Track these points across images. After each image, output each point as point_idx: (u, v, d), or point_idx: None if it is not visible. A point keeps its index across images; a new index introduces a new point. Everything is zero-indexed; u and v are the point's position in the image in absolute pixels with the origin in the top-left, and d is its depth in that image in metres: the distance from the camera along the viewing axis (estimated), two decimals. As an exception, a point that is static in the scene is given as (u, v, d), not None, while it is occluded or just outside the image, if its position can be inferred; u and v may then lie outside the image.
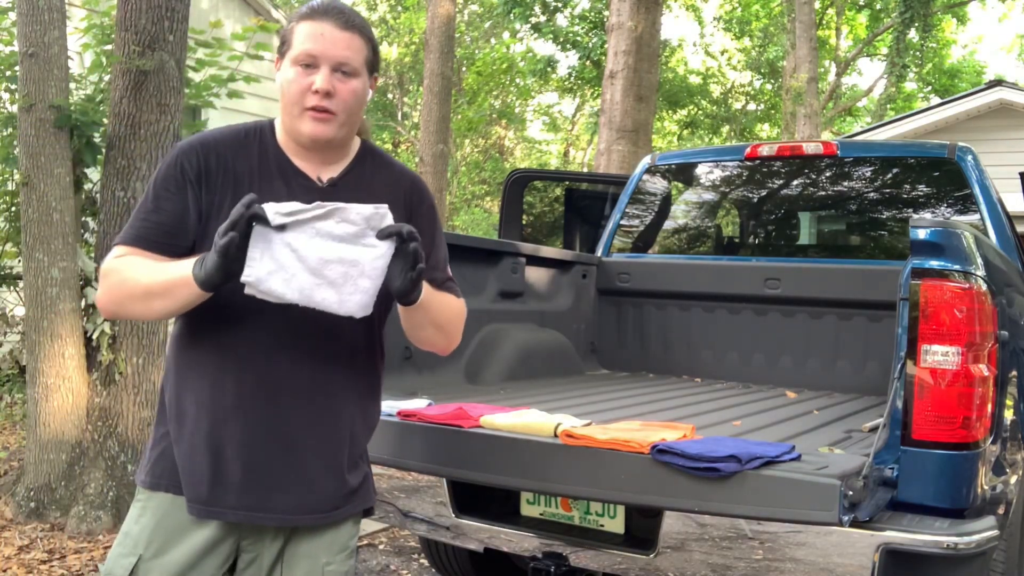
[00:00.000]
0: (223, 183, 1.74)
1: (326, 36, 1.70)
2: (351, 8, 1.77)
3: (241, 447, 1.72)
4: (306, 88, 1.70)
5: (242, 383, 1.72)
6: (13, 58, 5.03)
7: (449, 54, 14.41)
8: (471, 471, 2.27)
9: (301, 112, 1.72)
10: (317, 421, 1.76)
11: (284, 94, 1.73)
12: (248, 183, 1.73)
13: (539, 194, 5.82)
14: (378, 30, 28.02)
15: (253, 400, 1.72)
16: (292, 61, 1.71)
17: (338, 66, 1.71)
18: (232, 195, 1.70)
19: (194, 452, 1.73)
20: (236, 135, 1.80)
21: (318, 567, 1.81)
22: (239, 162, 1.76)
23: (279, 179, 1.75)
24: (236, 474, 1.72)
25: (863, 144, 5.51)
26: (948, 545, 2.05)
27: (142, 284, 1.66)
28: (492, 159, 26.15)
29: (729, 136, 25.77)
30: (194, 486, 1.74)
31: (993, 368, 2.26)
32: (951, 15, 23.46)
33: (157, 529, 1.77)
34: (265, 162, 1.77)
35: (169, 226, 1.72)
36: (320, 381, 1.76)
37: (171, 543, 1.77)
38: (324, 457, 1.78)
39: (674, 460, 1.94)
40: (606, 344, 4.57)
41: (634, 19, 9.12)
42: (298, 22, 1.73)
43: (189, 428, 1.74)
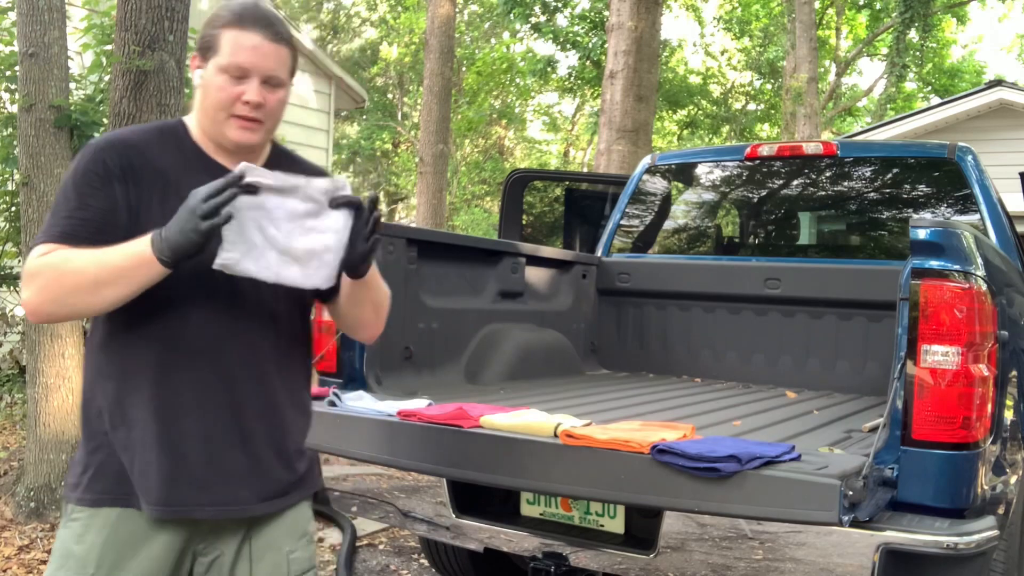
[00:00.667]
0: (150, 179, 1.74)
1: (258, 50, 1.73)
2: (275, 15, 1.79)
3: (199, 442, 1.72)
4: (235, 97, 1.73)
5: (195, 378, 1.72)
6: (13, 58, 5.04)
7: (449, 54, 14.40)
8: (471, 471, 2.27)
9: (227, 118, 1.74)
10: (267, 411, 1.79)
11: (210, 99, 1.75)
12: (175, 179, 1.74)
13: (539, 194, 5.82)
14: (378, 30, 28.04)
15: (208, 394, 1.73)
16: (221, 69, 1.72)
17: (267, 79, 1.74)
18: (160, 191, 1.73)
19: (148, 455, 1.70)
20: (151, 133, 1.81)
21: (283, 556, 1.84)
22: (161, 159, 1.76)
23: (205, 174, 1.73)
24: (197, 471, 1.72)
25: (863, 144, 5.51)
26: (948, 545, 2.05)
27: (89, 274, 1.62)
28: (492, 159, 26.14)
29: (729, 136, 25.77)
30: (152, 489, 1.70)
31: (993, 368, 2.26)
32: (951, 15, 23.45)
33: (107, 546, 1.72)
34: (187, 159, 1.79)
35: (98, 222, 1.69)
36: (266, 370, 1.79)
37: (125, 558, 1.72)
38: (274, 445, 1.81)
39: (674, 460, 1.94)
40: (606, 344, 4.57)
41: (634, 19, 9.12)
42: (225, 28, 1.73)
43: (139, 432, 1.71)
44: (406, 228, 3.53)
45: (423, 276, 3.40)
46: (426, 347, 3.41)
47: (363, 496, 2.95)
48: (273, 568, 1.84)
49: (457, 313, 3.59)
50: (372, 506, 2.93)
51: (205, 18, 1.84)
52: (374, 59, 27.33)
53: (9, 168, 5.31)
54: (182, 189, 1.66)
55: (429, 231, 4.05)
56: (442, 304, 3.51)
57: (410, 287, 3.33)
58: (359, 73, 25.09)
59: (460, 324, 3.60)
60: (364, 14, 28.55)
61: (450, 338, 3.54)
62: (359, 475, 2.96)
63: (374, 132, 25.57)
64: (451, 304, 3.56)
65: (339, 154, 24.26)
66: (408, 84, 27.53)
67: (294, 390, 1.87)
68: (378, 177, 27.61)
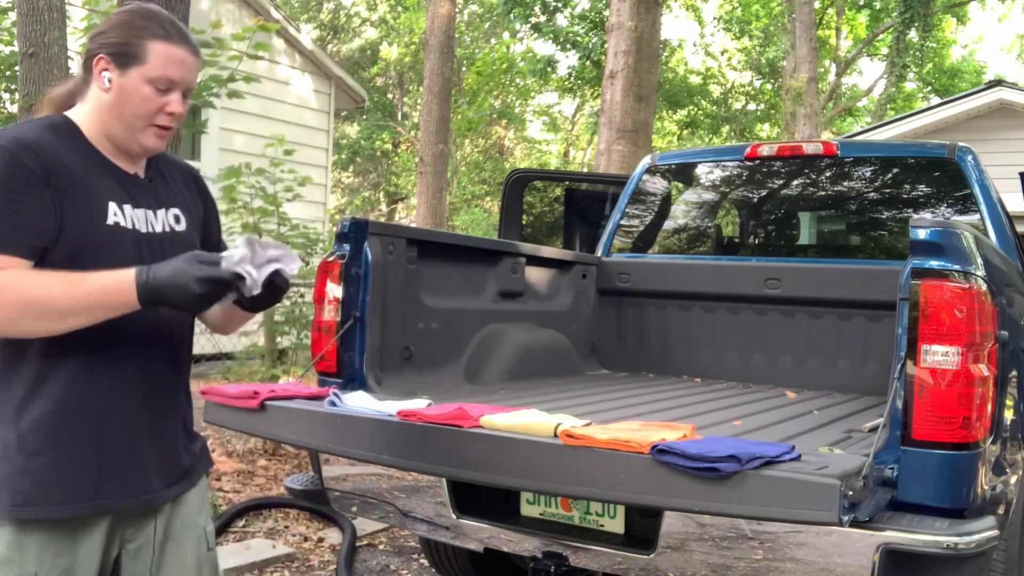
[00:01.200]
0: (66, 180, 1.73)
1: (186, 64, 1.81)
2: (186, 26, 1.89)
3: (123, 439, 1.80)
4: (160, 108, 1.79)
5: (119, 381, 1.79)
6: (13, 58, 5.04)
7: (449, 54, 14.41)
8: (471, 471, 2.27)
9: (147, 127, 1.80)
10: (172, 403, 1.93)
11: (131, 107, 1.78)
12: (87, 181, 1.76)
13: (539, 194, 5.82)
14: (378, 30, 28.04)
15: (130, 396, 1.81)
16: (149, 81, 1.77)
17: (187, 91, 1.84)
18: (76, 194, 1.74)
19: (74, 456, 1.74)
20: (52, 133, 1.78)
21: (200, 531, 2.00)
22: (68, 160, 1.76)
23: (109, 176, 1.81)
24: (122, 465, 1.80)
25: (863, 144, 5.51)
26: (948, 545, 2.05)
27: (59, 303, 1.63)
28: (492, 159, 26.15)
29: (729, 136, 25.76)
30: (81, 488, 1.75)
31: (993, 368, 2.26)
32: (951, 15, 23.46)
33: (43, 551, 1.73)
34: (90, 160, 1.80)
35: (33, 228, 1.67)
36: (175, 365, 1.93)
37: (57, 553, 1.74)
38: (178, 433, 1.95)
39: (674, 460, 1.94)
40: (606, 344, 4.57)
41: (634, 19, 9.12)
42: (153, 40, 1.78)
43: (62, 435, 1.74)
44: (406, 228, 3.53)
45: (423, 276, 3.40)
46: (426, 347, 3.41)
47: (363, 496, 2.95)
48: (196, 544, 1.99)
49: (457, 313, 3.59)
50: (372, 506, 2.93)
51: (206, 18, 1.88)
52: (374, 59, 27.33)
53: (9, 168, 5.30)
54: (97, 193, 1.75)
55: (429, 231, 4.05)
56: (442, 304, 3.51)
57: (410, 287, 3.33)
58: (359, 73, 25.09)
59: (460, 324, 3.60)
60: (364, 14, 28.55)
61: (450, 338, 3.54)
62: (359, 475, 2.97)
63: (374, 132, 25.58)
64: (451, 304, 3.56)
65: (339, 154, 24.26)
66: (408, 84, 27.53)
67: (187, 387, 2.01)
68: (378, 177, 27.62)
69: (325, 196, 11.91)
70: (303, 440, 2.61)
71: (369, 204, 27.73)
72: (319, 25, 27.91)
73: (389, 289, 3.20)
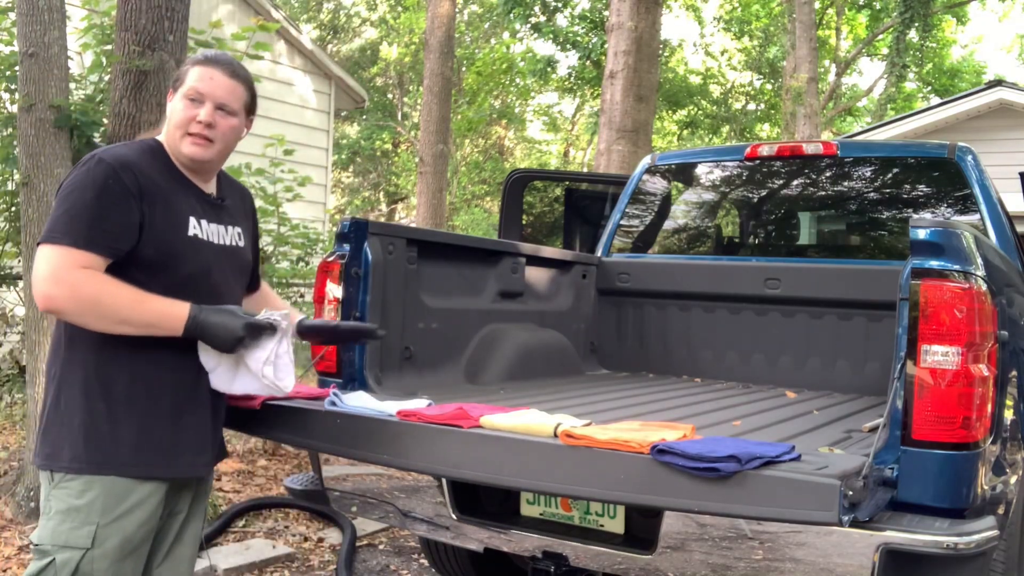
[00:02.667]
0: (156, 196, 2.05)
1: (215, 80, 2.12)
2: (238, 62, 2.22)
3: (194, 414, 2.13)
4: (191, 118, 2.10)
5: (184, 366, 2.10)
6: (13, 58, 5.03)
7: (449, 54, 14.40)
8: (471, 471, 2.27)
9: (183, 136, 2.11)
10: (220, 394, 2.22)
11: (172, 120, 2.12)
12: (171, 196, 2.09)
13: (539, 194, 5.82)
14: (378, 30, 28.04)
15: (200, 376, 2.14)
16: (183, 95, 2.11)
17: (220, 105, 2.12)
18: (163, 206, 2.06)
19: (155, 426, 2.06)
20: (144, 153, 2.11)
21: (202, 512, 2.33)
22: (159, 178, 2.09)
23: (191, 195, 2.15)
24: (191, 437, 2.13)
25: (863, 144, 5.51)
26: (948, 545, 2.05)
27: (122, 312, 1.95)
28: (492, 159, 26.15)
29: (729, 136, 25.76)
30: (157, 455, 2.06)
31: (993, 368, 2.26)
32: (951, 15, 23.45)
33: (108, 500, 2.01)
34: (174, 179, 2.14)
35: (116, 234, 1.98)
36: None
37: (120, 508, 2.02)
38: (221, 418, 2.29)
39: (674, 460, 1.94)
40: (606, 344, 4.57)
41: (634, 19, 9.12)
42: (193, 66, 2.14)
43: (143, 405, 2.05)
44: (406, 228, 3.53)
45: (423, 276, 3.40)
46: (426, 347, 3.41)
47: (363, 496, 2.95)
48: (202, 521, 2.33)
49: (457, 313, 3.59)
50: (372, 506, 2.93)
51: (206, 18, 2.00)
52: (374, 59, 27.33)
53: (9, 168, 5.31)
54: (179, 207, 2.08)
55: (429, 231, 4.05)
56: (442, 304, 3.51)
57: (410, 287, 3.33)
58: (359, 73, 25.08)
59: (460, 324, 3.60)
60: (364, 14, 28.55)
61: (450, 338, 3.54)
62: (359, 475, 2.97)
63: (374, 132, 25.57)
64: (451, 304, 3.56)
65: (339, 154, 24.25)
66: (408, 84, 27.53)
67: None
68: (378, 177, 27.62)
69: (325, 196, 11.91)
70: (303, 440, 2.61)
71: (369, 204, 27.73)
72: (319, 25, 27.91)
73: (389, 289, 3.20)
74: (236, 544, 4.25)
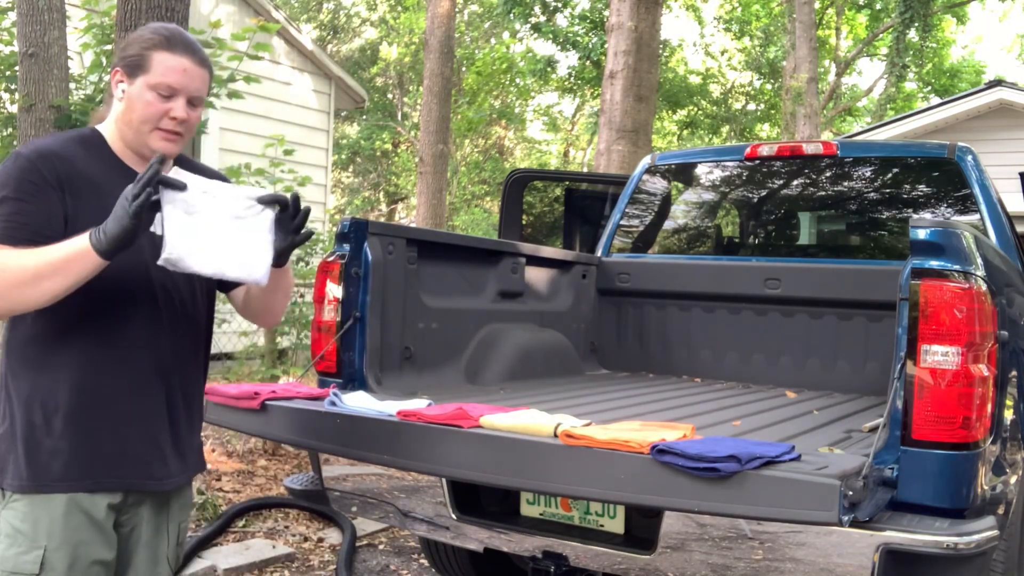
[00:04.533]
0: (83, 187, 1.88)
1: (187, 72, 1.94)
2: (196, 42, 2.02)
3: (140, 424, 1.94)
4: (163, 113, 1.92)
5: (137, 367, 1.93)
6: (13, 58, 5.03)
7: (449, 54, 14.41)
8: (471, 471, 2.27)
9: (153, 131, 1.93)
10: (187, 397, 2.05)
11: (137, 112, 1.92)
12: (106, 188, 1.88)
13: (539, 194, 5.82)
14: (378, 30, 28.04)
15: (149, 383, 1.95)
16: (151, 87, 1.91)
17: (191, 99, 1.96)
18: (93, 199, 1.87)
19: (94, 439, 1.89)
20: (72, 143, 1.94)
21: (176, 526, 2.11)
22: (88, 169, 1.91)
23: (128, 182, 1.87)
24: (138, 449, 1.94)
25: (863, 144, 5.51)
26: (948, 545, 2.05)
27: (30, 268, 1.75)
28: (492, 159, 26.15)
29: (729, 136, 25.76)
30: (99, 469, 1.90)
31: (993, 368, 2.26)
32: (951, 15, 23.45)
33: (53, 520, 1.86)
34: (111, 168, 1.95)
35: (36, 226, 1.82)
36: (189, 360, 2.04)
37: (66, 529, 1.87)
38: (190, 428, 2.07)
39: (674, 460, 1.94)
40: (606, 344, 4.57)
41: (634, 19, 9.11)
42: (156, 50, 1.92)
43: (83, 419, 1.88)
44: (406, 228, 3.53)
45: (423, 276, 3.40)
46: (426, 347, 3.41)
47: (363, 496, 2.95)
48: (171, 536, 2.09)
49: (457, 313, 3.59)
50: (372, 506, 2.93)
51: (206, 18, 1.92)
52: (374, 59, 27.32)
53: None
54: (111, 197, 1.82)
55: (429, 231, 4.05)
56: (442, 304, 3.51)
57: (410, 287, 3.33)
58: (359, 73, 25.08)
59: (460, 324, 3.60)
60: (364, 14, 28.55)
61: (450, 338, 3.54)
62: (359, 475, 2.96)
63: (374, 132, 25.57)
64: (451, 304, 3.56)
65: (339, 154, 24.25)
66: (408, 84, 27.53)
67: (203, 375, 2.12)
68: (378, 177, 27.62)
69: (325, 196, 11.91)
70: (303, 440, 2.61)
71: (369, 204, 27.73)
72: (319, 25, 27.90)
73: (389, 289, 3.20)
74: (236, 544, 4.25)
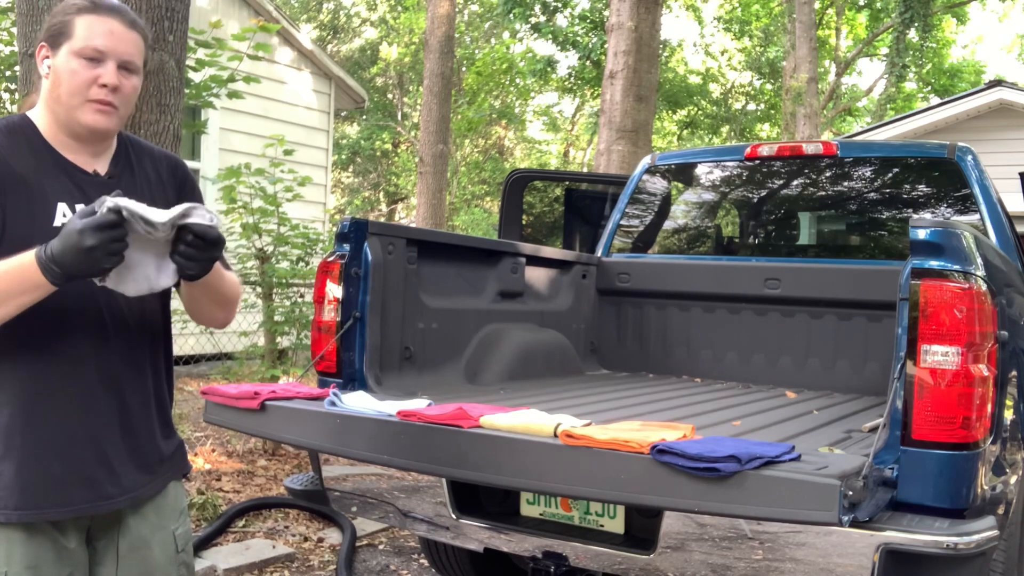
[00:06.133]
0: (10, 183, 1.71)
1: (114, 34, 1.75)
2: (125, 5, 1.84)
3: (89, 442, 1.77)
4: (91, 80, 1.73)
5: (78, 386, 1.75)
6: (13, 58, 5.04)
7: (449, 54, 14.41)
8: (471, 471, 2.27)
9: (83, 103, 1.74)
10: (144, 404, 1.87)
11: (64, 84, 1.74)
12: (35, 181, 1.73)
13: (539, 194, 5.82)
14: (378, 30, 28.03)
15: (96, 398, 1.77)
16: (76, 53, 1.73)
17: (124, 64, 1.76)
18: (24, 197, 1.71)
19: (39, 460, 1.73)
20: (7, 135, 1.76)
21: (169, 534, 1.95)
22: (19, 163, 1.73)
23: (63, 175, 1.76)
24: (89, 469, 1.77)
25: (863, 144, 5.51)
26: (948, 545, 2.05)
27: None
28: (492, 159, 26.16)
29: (729, 136, 25.77)
30: (48, 493, 1.73)
31: (993, 368, 2.26)
32: (951, 15, 23.45)
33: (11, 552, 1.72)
34: (41, 159, 1.76)
35: None
36: (142, 366, 1.87)
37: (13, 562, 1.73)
38: (151, 434, 1.90)
39: (674, 460, 1.94)
40: (606, 344, 4.57)
41: (634, 19, 9.11)
42: (79, 15, 1.75)
43: (25, 441, 1.72)
44: (406, 228, 3.53)
45: (423, 276, 3.40)
46: (426, 347, 3.41)
47: (363, 496, 2.94)
48: (163, 546, 1.93)
49: (457, 313, 3.59)
50: (372, 506, 2.93)
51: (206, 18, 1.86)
52: (374, 59, 27.33)
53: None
54: (44, 194, 1.70)
55: (429, 231, 4.05)
56: (442, 304, 3.51)
57: (410, 287, 3.33)
58: (359, 73, 25.08)
59: (460, 324, 3.60)
60: (364, 14, 28.55)
61: (450, 338, 3.54)
62: (359, 475, 2.96)
63: (374, 132, 25.58)
64: (451, 304, 3.56)
65: (339, 154, 24.26)
66: (408, 84, 27.53)
67: (163, 378, 1.96)
68: (378, 177, 27.62)
69: (325, 196, 11.91)
70: (303, 440, 2.61)
71: (369, 204, 27.73)
72: (319, 25, 27.90)
73: (389, 289, 3.20)
74: (236, 544, 4.25)
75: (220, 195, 6.12)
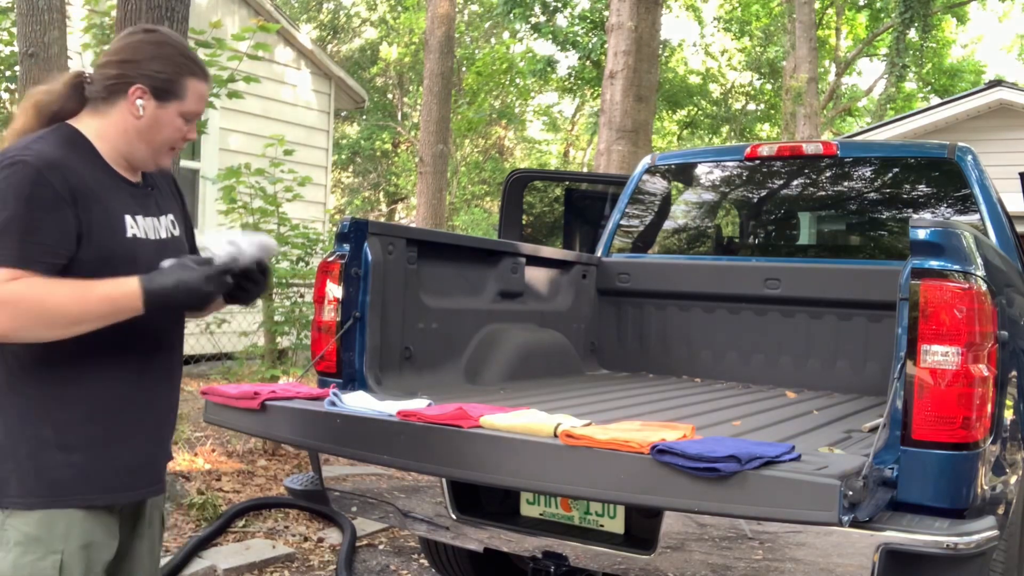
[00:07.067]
0: (90, 199, 1.84)
1: (204, 99, 2.00)
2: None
3: (151, 434, 2.00)
4: (183, 136, 1.98)
5: (152, 376, 1.98)
6: (13, 58, 5.04)
7: (449, 54, 14.41)
8: (471, 471, 2.27)
9: (168, 151, 1.98)
10: (173, 403, 2.11)
11: (161, 134, 1.94)
12: (104, 197, 1.88)
13: (539, 194, 5.82)
14: (378, 30, 28.03)
15: (158, 390, 2.01)
16: (182, 114, 1.95)
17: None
18: (100, 210, 1.85)
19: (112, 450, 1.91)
20: (66, 147, 1.86)
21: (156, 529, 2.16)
22: (87, 178, 1.86)
23: (122, 190, 1.94)
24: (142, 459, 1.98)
25: (863, 144, 5.51)
26: (948, 545, 2.05)
27: (71, 313, 1.74)
28: (492, 159, 26.16)
29: (729, 136, 25.77)
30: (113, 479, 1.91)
31: (993, 368, 2.26)
32: (951, 15, 23.45)
33: (70, 529, 1.85)
34: (102, 177, 1.91)
35: (51, 245, 1.76)
36: (170, 371, 2.08)
37: (83, 538, 1.87)
38: (172, 432, 2.14)
39: (674, 460, 1.94)
40: (606, 344, 4.57)
41: (634, 19, 9.11)
42: (191, 77, 1.95)
43: (101, 432, 1.89)
44: (406, 228, 3.53)
45: (423, 276, 3.40)
46: (426, 347, 3.41)
47: (363, 496, 2.95)
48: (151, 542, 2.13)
49: (457, 313, 3.59)
50: (372, 506, 2.93)
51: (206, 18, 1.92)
52: (374, 59, 27.32)
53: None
54: (113, 206, 1.87)
55: (429, 231, 4.05)
56: (442, 304, 3.51)
57: (410, 287, 3.33)
58: (359, 73, 25.08)
59: (460, 324, 3.60)
60: (364, 14, 28.54)
61: (450, 338, 3.54)
62: (359, 475, 2.97)
63: (374, 132, 25.58)
64: (451, 304, 3.56)
65: (339, 154, 24.26)
66: (408, 84, 27.53)
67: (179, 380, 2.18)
68: (378, 177, 27.61)
69: (325, 196, 11.91)
70: (303, 440, 2.61)
71: (369, 204, 27.73)
72: (319, 25, 27.90)
73: (389, 289, 3.20)
74: (236, 544, 4.25)
75: (220, 195, 6.12)
